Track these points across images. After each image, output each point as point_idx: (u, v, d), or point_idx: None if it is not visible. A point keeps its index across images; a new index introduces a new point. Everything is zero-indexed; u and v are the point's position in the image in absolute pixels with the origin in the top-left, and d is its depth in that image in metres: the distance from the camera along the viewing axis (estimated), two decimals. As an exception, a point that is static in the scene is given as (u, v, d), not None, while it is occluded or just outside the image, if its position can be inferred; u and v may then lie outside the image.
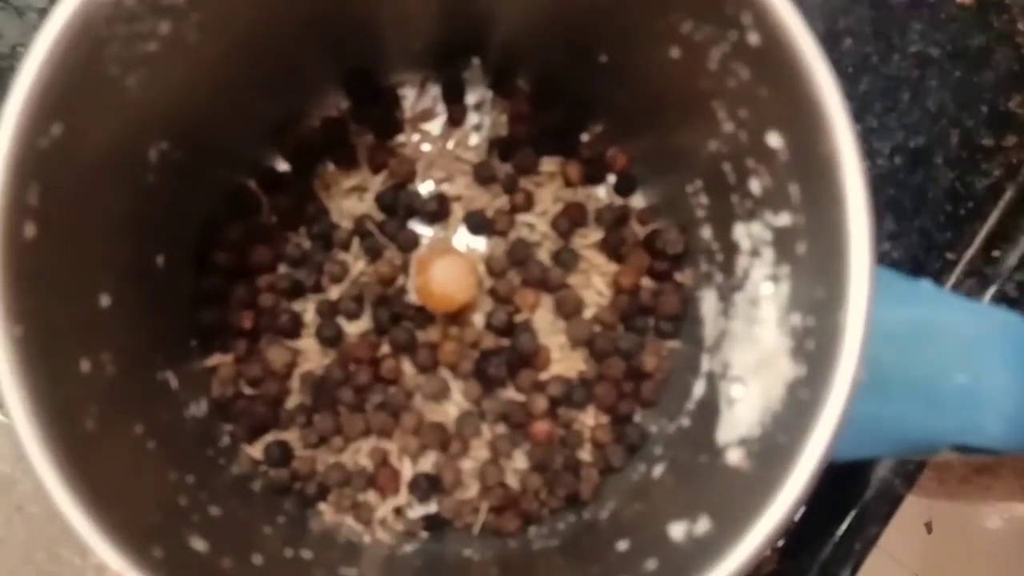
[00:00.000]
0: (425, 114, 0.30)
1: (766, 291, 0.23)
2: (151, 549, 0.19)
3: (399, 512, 0.29)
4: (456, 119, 0.30)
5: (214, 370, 0.28)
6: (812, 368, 0.20)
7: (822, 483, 0.19)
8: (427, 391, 0.29)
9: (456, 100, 0.30)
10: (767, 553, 0.33)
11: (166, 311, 0.26)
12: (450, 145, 0.30)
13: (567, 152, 0.30)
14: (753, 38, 0.20)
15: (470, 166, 0.30)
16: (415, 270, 0.29)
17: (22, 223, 0.19)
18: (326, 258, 0.29)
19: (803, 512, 0.31)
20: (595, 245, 0.30)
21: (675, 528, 0.22)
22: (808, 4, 0.34)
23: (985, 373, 0.24)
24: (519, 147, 0.29)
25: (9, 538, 0.34)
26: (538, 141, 0.29)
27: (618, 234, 0.29)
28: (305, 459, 0.28)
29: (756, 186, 0.22)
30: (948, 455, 0.25)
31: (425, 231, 0.30)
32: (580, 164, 0.29)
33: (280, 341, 0.29)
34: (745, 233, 0.24)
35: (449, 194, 0.30)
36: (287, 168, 0.30)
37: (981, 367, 0.24)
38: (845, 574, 0.32)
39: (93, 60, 0.19)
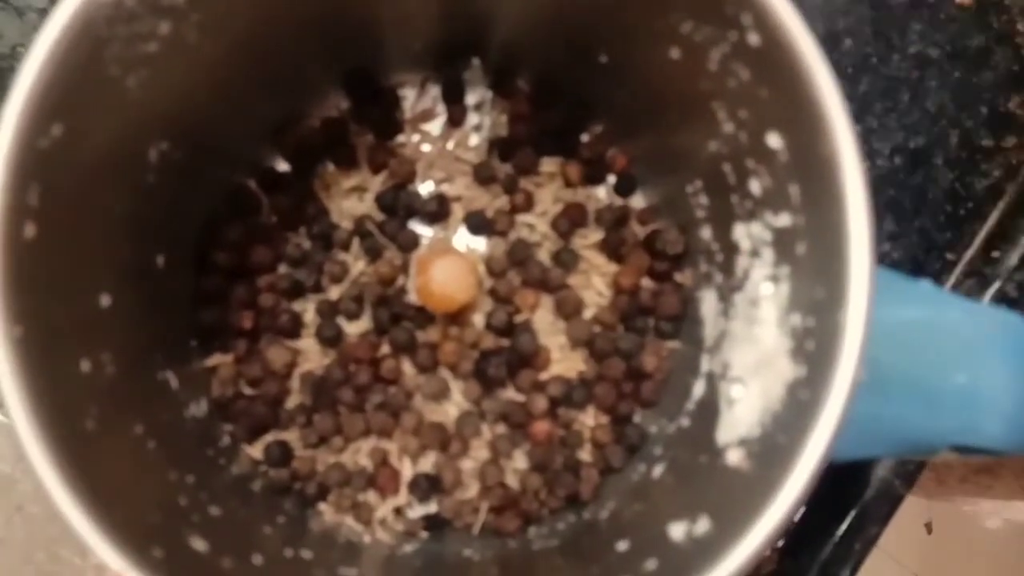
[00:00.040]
0: (425, 114, 0.30)
1: (766, 291, 0.23)
2: (151, 549, 0.19)
3: (399, 512, 0.29)
4: (456, 119, 0.30)
5: (214, 370, 0.28)
6: (812, 368, 0.20)
7: (822, 483, 0.19)
8: (427, 391, 0.29)
9: (456, 100, 0.30)
10: (767, 553, 0.33)
11: (166, 311, 0.26)
12: (450, 145, 0.30)
13: (567, 152, 0.30)
14: (753, 39, 0.20)
15: (470, 166, 0.30)
16: (415, 270, 0.29)
17: (22, 223, 0.19)
18: (326, 258, 0.29)
19: (803, 512, 0.31)
20: (595, 245, 0.30)
21: (675, 528, 0.22)
22: (808, 5, 0.34)
23: (985, 373, 0.24)
24: (519, 147, 0.29)
25: (9, 538, 0.34)
26: (538, 141, 0.29)
27: (618, 234, 0.29)
28: (305, 459, 0.28)
29: (756, 186, 0.22)
30: (948, 455, 0.25)
31: (425, 231, 0.30)
32: (580, 164, 0.29)
33: (280, 341, 0.29)
34: (745, 233, 0.24)
35: (449, 194, 0.30)
36: (287, 168, 0.30)
37: (981, 367, 0.24)
38: (845, 574, 0.32)
39: (93, 60, 0.19)
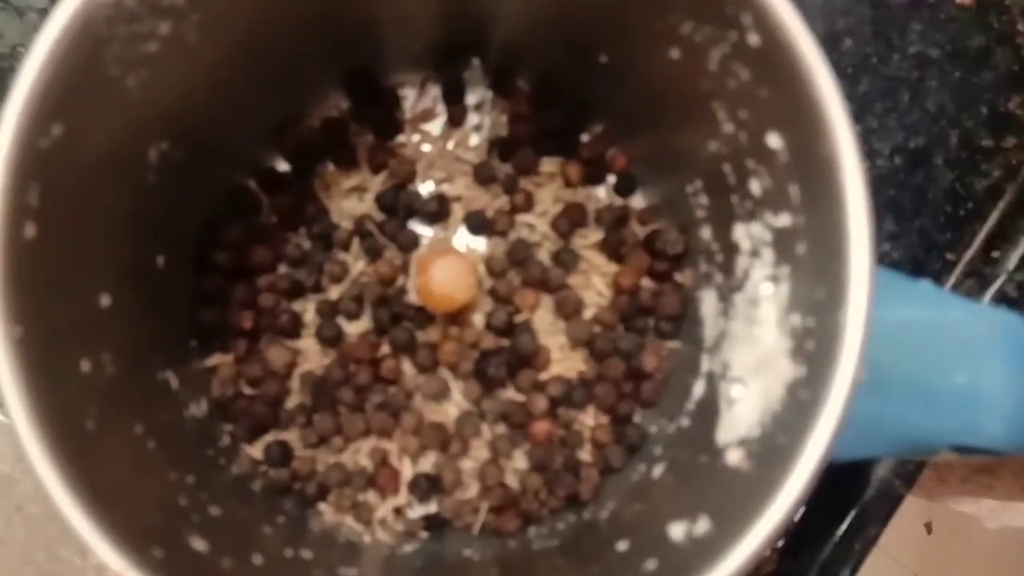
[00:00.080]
0: (425, 114, 0.30)
1: (766, 291, 0.23)
2: (151, 549, 0.19)
3: (399, 512, 0.29)
4: (456, 119, 0.30)
5: (214, 370, 0.28)
6: (812, 368, 0.20)
7: (822, 483, 0.19)
8: (427, 391, 0.29)
9: (456, 100, 0.30)
10: (767, 553, 0.33)
11: (166, 311, 0.26)
12: (450, 145, 0.30)
13: (567, 152, 0.30)
14: (753, 39, 0.20)
15: (470, 166, 0.30)
16: (415, 270, 0.29)
17: (22, 223, 0.19)
18: (326, 258, 0.29)
19: (803, 512, 0.31)
20: (595, 245, 0.30)
21: (675, 528, 0.22)
22: (808, 5, 0.34)
23: (985, 373, 0.24)
24: (519, 147, 0.29)
25: (9, 538, 0.34)
26: (538, 141, 0.29)
27: (618, 234, 0.29)
28: (305, 459, 0.28)
29: (756, 187, 0.22)
30: (948, 456, 0.25)
31: (425, 231, 0.30)
32: (580, 164, 0.29)
33: (280, 341, 0.29)
34: (745, 233, 0.24)
35: (449, 194, 0.30)
36: (287, 168, 0.30)
37: (981, 367, 0.24)
38: (845, 574, 0.32)
39: (93, 60, 0.19)
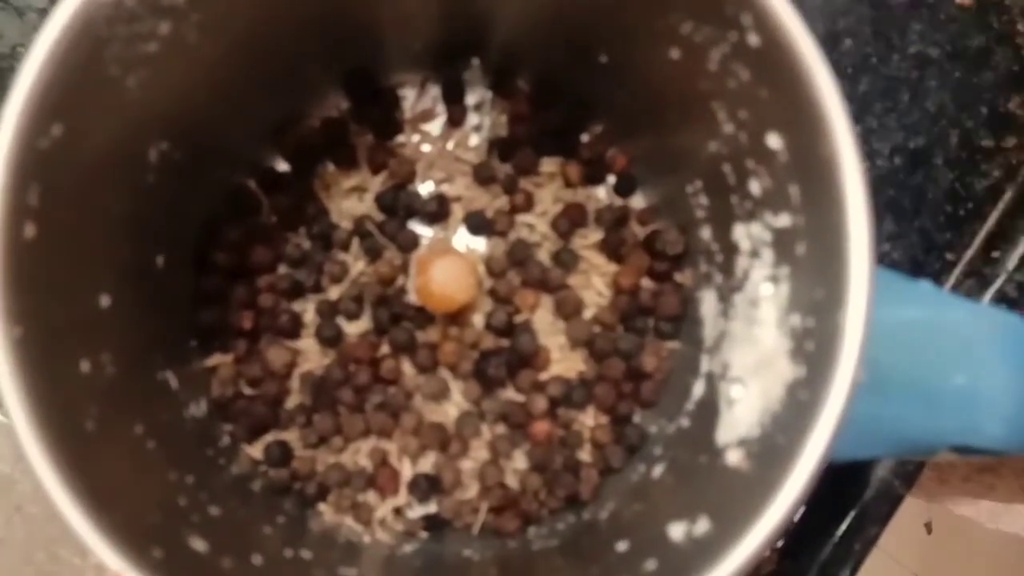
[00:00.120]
0: (425, 114, 0.30)
1: (766, 292, 0.23)
2: (151, 549, 0.19)
3: (399, 512, 0.29)
4: (456, 119, 0.30)
5: (214, 370, 0.28)
6: (812, 369, 0.20)
7: (822, 483, 0.19)
8: (427, 391, 0.29)
9: (456, 100, 0.30)
10: (767, 553, 0.33)
11: (166, 311, 0.26)
12: (450, 146, 0.30)
13: (567, 152, 0.30)
14: (753, 39, 0.20)
15: (470, 166, 0.30)
16: (415, 270, 0.29)
17: (22, 223, 0.19)
18: (326, 258, 0.29)
19: (803, 512, 0.31)
20: (595, 245, 0.30)
21: (675, 528, 0.22)
22: (808, 5, 0.34)
23: (985, 374, 0.24)
24: (519, 147, 0.29)
25: (9, 538, 0.34)
26: (538, 141, 0.29)
27: (618, 234, 0.29)
28: (305, 459, 0.28)
29: (756, 187, 0.22)
30: (948, 456, 0.25)
31: (425, 231, 0.30)
32: (580, 164, 0.29)
33: (280, 341, 0.29)
34: (745, 234, 0.24)
35: (449, 194, 0.30)
36: (287, 168, 0.30)
37: (980, 368, 0.24)
38: (845, 574, 0.32)
39: (93, 60, 0.19)
